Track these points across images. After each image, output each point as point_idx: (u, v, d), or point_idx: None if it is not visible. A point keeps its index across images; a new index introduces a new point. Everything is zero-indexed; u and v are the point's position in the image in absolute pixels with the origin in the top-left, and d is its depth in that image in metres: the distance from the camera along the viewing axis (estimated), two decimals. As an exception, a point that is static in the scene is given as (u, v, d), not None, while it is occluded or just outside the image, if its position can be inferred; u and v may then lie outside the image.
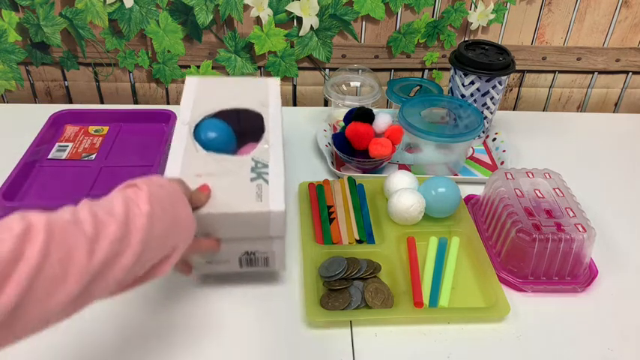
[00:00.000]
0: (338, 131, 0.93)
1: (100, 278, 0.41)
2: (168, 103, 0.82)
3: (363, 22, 1.03)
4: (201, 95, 0.76)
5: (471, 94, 0.91)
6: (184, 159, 0.64)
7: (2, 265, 0.35)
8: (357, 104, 0.94)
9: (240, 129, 0.73)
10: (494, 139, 0.97)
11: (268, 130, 0.70)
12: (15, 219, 0.38)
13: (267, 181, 0.62)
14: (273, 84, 0.79)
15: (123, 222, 0.44)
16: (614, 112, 1.18)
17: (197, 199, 0.57)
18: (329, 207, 0.77)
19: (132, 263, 0.43)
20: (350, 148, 0.85)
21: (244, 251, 0.63)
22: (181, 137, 0.68)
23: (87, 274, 0.40)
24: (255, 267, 0.64)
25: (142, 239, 0.44)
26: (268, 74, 1.08)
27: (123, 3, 0.98)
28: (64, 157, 0.87)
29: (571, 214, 0.70)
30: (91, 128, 0.94)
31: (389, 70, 1.10)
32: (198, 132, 0.69)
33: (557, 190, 0.74)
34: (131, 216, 0.45)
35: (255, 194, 0.60)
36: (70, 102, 1.10)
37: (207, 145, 0.67)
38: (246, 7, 1.00)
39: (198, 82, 0.78)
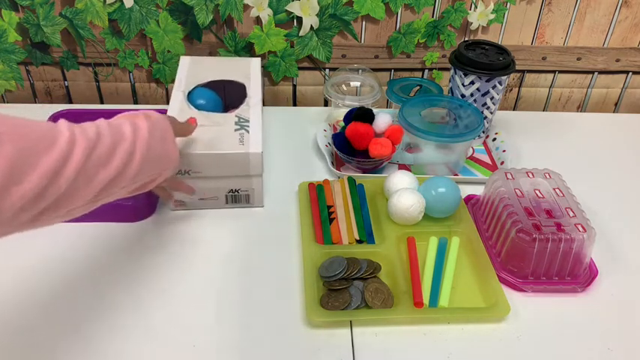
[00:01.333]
0: (338, 131, 0.93)
1: (115, 182, 0.52)
2: (168, 103, 0.83)
3: (363, 22, 1.03)
4: (193, 70, 0.91)
5: (471, 94, 0.91)
6: (180, 115, 0.77)
7: (61, 156, 0.46)
8: (357, 104, 0.94)
9: (226, 97, 0.88)
10: (494, 139, 0.97)
11: (250, 96, 0.85)
12: (63, 126, 0.48)
13: (248, 131, 0.77)
14: (255, 62, 0.95)
15: (132, 142, 0.55)
16: (614, 112, 1.18)
17: (185, 129, 0.70)
18: (329, 207, 0.77)
19: (135, 174, 0.55)
20: (350, 148, 0.86)
21: (229, 189, 0.77)
22: (177, 100, 0.82)
23: (108, 177, 0.51)
24: (239, 203, 0.79)
25: (142, 158, 0.55)
26: (268, 74, 1.08)
27: (123, 3, 0.98)
28: (64, 157, 0.87)
29: (571, 214, 0.70)
30: (91, 128, 0.94)
31: (389, 70, 1.10)
32: (191, 97, 0.84)
33: (557, 190, 0.74)
34: (137, 138, 0.56)
35: (238, 140, 0.75)
36: (70, 102, 1.10)
37: (199, 108, 0.81)
38: (246, 7, 1.00)
39: (190, 60, 0.94)
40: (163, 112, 0.81)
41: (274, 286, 0.68)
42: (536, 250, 0.67)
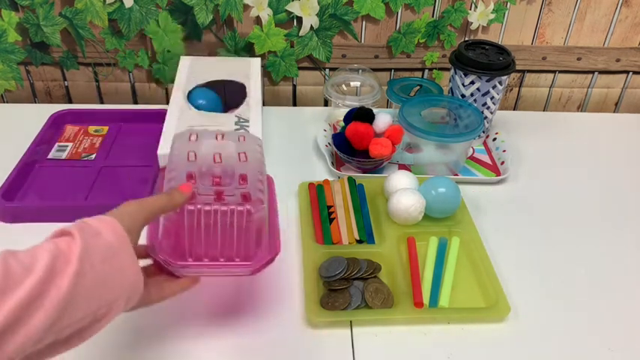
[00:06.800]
0: (338, 131, 0.93)
1: None
2: (168, 103, 0.83)
3: (363, 22, 1.03)
4: (193, 70, 0.91)
5: (471, 94, 0.91)
6: (180, 115, 0.79)
7: None
8: (357, 104, 0.94)
9: (226, 97, 0.89)
10: (494, 139, 0.97)
11: (250, 96, 0.85)
12: None
13: (247, 131, 0.76)
14: (255, 62, 0.96)
15: (41, 279, 0.38)
16: (614, 112, 1.18)
17: (167, 203, 0.50)
18: (329, 207, 0.77)
19: (43, 327, 0.38)
20: (350, 148, 0.85)
21: None
22: (177, 101, 0.83)
23: None
24: None
25: (60, 301, 0.38)
26: (268, 74, 1.08)
27: (123, 3, 0.98)
28: (63, 157, 0.87)
29: (242, 182, 0.56)
30: (91, 128, 0.94)
31: (389, 70, 1.10)
32: (191, 97, 0.84)
33: (242, 155, 0.59)
34: (55, 273, 0.39)
35: None
36: (70, 102, 1.10)
37: (199, 108, 0.82)
38: (246, 7, 1.00)
39: (190, 60, 0.95)
40: (162, 112, 0.81)
41: (274, 286, 0.68)
42: (188, 224, 0.53)
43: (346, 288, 0.65)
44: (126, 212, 0.47)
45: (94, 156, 0.87)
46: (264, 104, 0.97)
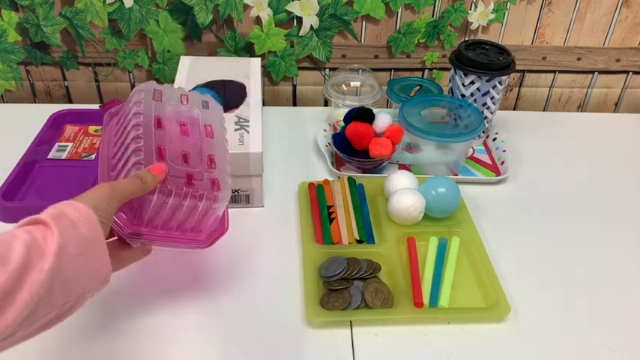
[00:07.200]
0: (338, 131, 0.93)
1: None
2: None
3: (363, 22, 1.03)
4: (193, 70, 0.91)
5: (471, 94, 0.91)
6: None
7: None
8: (357, 104, 0.94)
9: (226, 97, 0.87)
10: (494, 139, 0.97)
11: (250, 96, 0.85)
12: None
13: (247, 131, 0.77)
14: (255, 62, 0.95)
15: (14, 273, 0.37)
16: (614, 112, 1.18)
17: (136, 186, 0.50)
18: (329, 207, 0.77)
19: (15, 322, 0.37)
20: (350, 148, 0.86)
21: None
22: None
23: None
24: (239, 203, 0.79)
25: (33, 296, 0.38)
26: (268, 74, 1.08)
27: (123, 3, 0.98)
28: (63, 157, 0.87)
29: (210, 164, 0.57)
30: (91, 128, 0.94)
31: (389, 70, 1.10)
32: None
33: (208, 128, 0.59)
34: (29, 267, 0.38)
35: (238, 140, 0.75)
36: (70, 102, 1.10)
37: None
38: (246, 7, 1.00)
39: (190, 60, 0.95)
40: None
41: (274, 286, 0.68)
42: (155, 201, 0.53)
43: (346, 288, 0.65)
44: (100, 200, 0.47)
45: (94, 156, 0.87)
46: (264, 104, 0.97)
